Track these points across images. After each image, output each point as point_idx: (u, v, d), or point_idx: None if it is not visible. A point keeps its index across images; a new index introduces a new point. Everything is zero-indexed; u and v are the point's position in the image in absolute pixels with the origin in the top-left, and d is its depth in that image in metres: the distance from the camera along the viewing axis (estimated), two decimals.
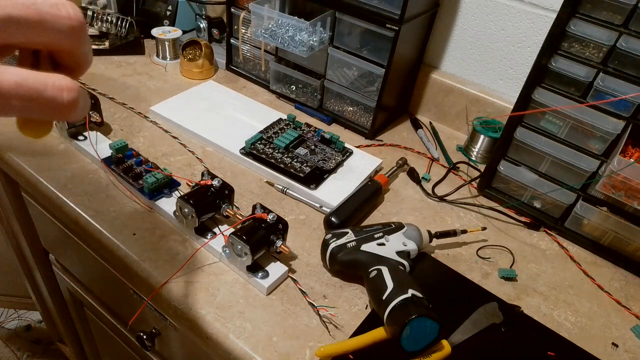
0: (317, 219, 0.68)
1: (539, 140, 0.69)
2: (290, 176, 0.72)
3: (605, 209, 0.66)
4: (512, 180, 0.74)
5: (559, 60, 0.64)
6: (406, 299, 0.51)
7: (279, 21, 0.84)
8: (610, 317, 0.61)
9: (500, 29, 0.83)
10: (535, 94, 0.67)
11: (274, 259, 0.59)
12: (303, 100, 0.92)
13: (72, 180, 0.68)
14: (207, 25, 1.03)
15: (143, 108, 0.85)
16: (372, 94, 0.83)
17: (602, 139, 0.64)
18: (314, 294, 0.58)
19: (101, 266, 0.73)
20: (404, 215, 0.72)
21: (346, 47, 0.83)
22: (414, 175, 0.79)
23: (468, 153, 0.87)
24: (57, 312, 1.20)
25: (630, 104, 0.61)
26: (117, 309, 0.86)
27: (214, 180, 0.60)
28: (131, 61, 1.00)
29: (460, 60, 0.90)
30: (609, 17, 0.60)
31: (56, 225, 0.79)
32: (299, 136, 0.80)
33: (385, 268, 0.55)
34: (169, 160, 0.75)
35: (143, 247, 0.60)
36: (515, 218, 0.74)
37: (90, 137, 0.73)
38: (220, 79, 0.98)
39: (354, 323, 0.55)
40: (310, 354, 0.51)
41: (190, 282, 0.57)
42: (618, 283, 0.66)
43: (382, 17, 0.75)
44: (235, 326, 0.53)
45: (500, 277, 0.64)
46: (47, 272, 1.08)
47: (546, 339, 0.57)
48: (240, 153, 0.76)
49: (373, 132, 0.87)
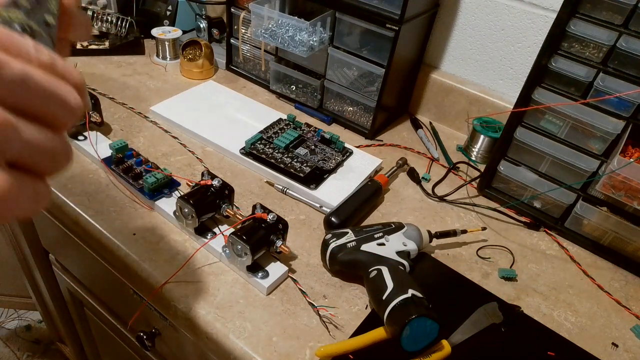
0: (317, 219, 0.68)
1: (539, 140, 0.69)
2: (290, 176, 0.72)
3: (606, 209, 0.66)
4: (512, 180, 0.74)
5: (559, 60, 0.64)
6: (406, 299, 0.51)
7: (279, 21, 0.84)
8: (610, 317, 0.61)
9: (500, 28, 0.83)
10: (535, 94, 0.67)
11: (274, 259, 0.59)
12: (303, 100, 0.92)
13: (72, 180, 0.68)
14: (207, 25, 1.03)
15: (143, 108, 0.85)
16: (372, 94, 0.83)
17: (602, 139, 0.64)
18: (314, 294, 0.58)
19: (101, 266, 0.73)
20: (404, 215, 0.72)
21: (346, 47, 0.83)
22: (414, 175, 0.79)
23: (468, 153, 0.87)
24: (57, 312, 1.20)
25: (630, 103, 0.61)
26: (117, 309, 0.86)
27: (214, 180, 0.60)
28: (131, 61, 1.00)
29: (460, 60, 0.90)
30: (609, 17, 0.60)
31: (56, 225, 0.79)
32: (299, 136, 0.80)
33: (385, 268, 0.55)
34: (169, 160, 0.75)
35: (143, 247, 0.60)
36: (515, 218, 0.74)
37: (91, 137, 0.73)
38: (220, 79, 0.98)
39: (354, 323, 0.55)
40: (310, 354, 0.51)
41: (190, 282, 0.57)
42: (618, 283, 0.66)
43: (382, 17, 0.75)
44: (235, 326, 0.53)
45: (500, 277, 0.64)
46: (47, 272, 1.08)
47: (546, 339, 0.57)
48: (240, 153, 0.76)
49: (373, 132, 0.87)
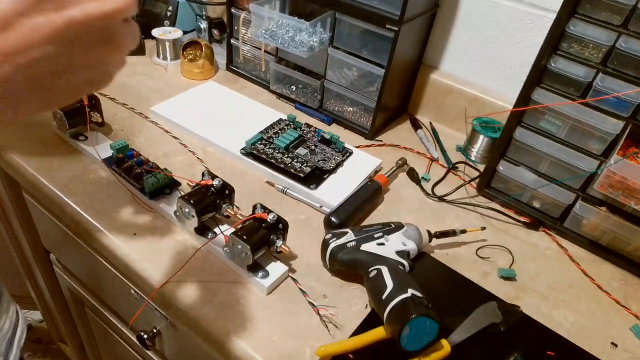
0: (317, 219, 0.68)
1: (539, 141, 0.69)
2: (290, 176, 0.73)
3: (605, 208, 0.66)
4: (511, 180, 0.74)
5: (559, 60, 0.64)
6: (406, 299, 0.51)
7: (279, 22, 0.84)
8: (609, 316, 0.61)
9: (500, 29, 0.83)
10: (535, 94, 0.67)
11: (274, 259, 0.59)
12: (303, 101, 0.92)
13: (73, 180, 0.68)
14: (208, 26, 1.03)
15: (144, 108, 0.85)
16: (372, 94, 0.84)
17: (602, 139, 0.64)
18: (314, 293, 0.58)
19: (102, 266, 0.73)
20: (404, 215, 0.72)
21: (346, 47, 0.83)
22: (413, 175, 0.79)
23: (467, 153, 0.87)
24: (58, 312, 1.20)
25: (629, 104, 0.61)
26: (118, 309, 0.86)
27: (215, 180, 0.60)
28: (131, 61, 1.00)
29: (460, 60, 0.90)
30: (608, 17, 0.60)
31: (57, 225, 0.79)
32: (299, 136, 0.80)
33: (385, 268, 0.55)
34: (169, 160, 0.75)
35: (144, 246, 0.61)
36: (515, 218, 0.74)
37: (91, 138, 0.73)
38: (221, 80, 0.98)
39: (354, 322, 0.55)
40: (310, 354, 0.51)
41: (190, 282, 0.57)
42: (617, 283, 0.66)
43: (382, 17, 0.75)
44: (235, 326, 0.53)
45: (499, 276, 0.64)
46: (48, 272, 1.08)
47: (545, 339, 0.57)
48: (241, 153, 0.76)
49: (373, 132, 0.87)
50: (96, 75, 0.30)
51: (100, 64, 0.30)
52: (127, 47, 0.30)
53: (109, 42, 0.29)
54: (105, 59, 0.30)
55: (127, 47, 0.30)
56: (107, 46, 0.29)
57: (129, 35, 0.30)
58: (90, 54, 0.28)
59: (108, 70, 0.31)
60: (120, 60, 0.31)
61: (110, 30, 0.28)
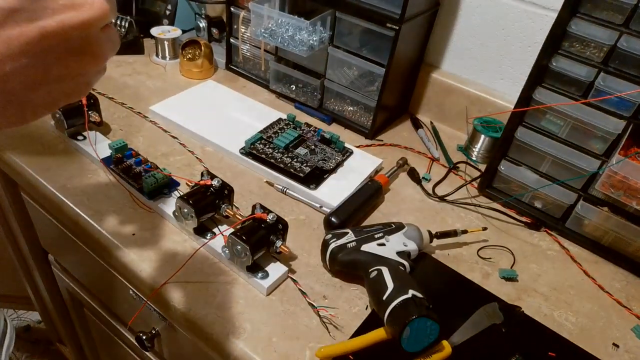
0: (317, 219, 0.68)
1: (540, 140, 0.69)
2: (290, 176, 0.72)
3: (606, 209, 0.66)
4: (512, 180, 0.74)
5: (560, 60, 0.64)
6: (406, 300, 0.51)
7: (278, 20, 0.84)
8: (611, 317, 0.61)
9: (501, 28, 0.83)
10: (536, 93, 0.66)
11: (274, 259, 0.59)
12: (303, 100, 0.92)
13: (72, 180, 0.68)
14: (207, 25, 1.03)
15: (142, 108, 0.85)
16: (372, 93, 0.83)
17: (603, 138, 0.64)
18: (314, 294, 0.58)
19: (100, 266, 0.73)
20: (405, 215, 0.72)
21: (346, 46, 0.83)
22: (414, 175, 0.79)
23: (469, 153, 0.87)
24: (57, 313, 1.20)
25: (631, 103, 0.61)
26: (117, 310, 0.85)
27: (214, 180, 0.60)
28: (130, 61, 1.00)
29: (461, 59, 0.90)
30: (609, 16, 0.59)
31: (55, 226, 0.79)
32: (299, 136, 0.79)
33: (386, 268, 0.55)
34: (168, 160, 0.75)
35: (142, 247, 0.60)
36: (516, 218, 0.74)
37: (90, 137, 0.73)
38: (220, 79, 0.98)
39: (354, 324, 0.55)
40: (310, 355, 0.51)
41: (189, 283, 0.57)
42: (619, 283, 0.66)
43: (383, 16, 0.75)
44: (234, 327, 0.53)
45: (500, 277, 0.64)
46: (46, 273, 1.08)
47: (547, 340, 0.57)
48: (240, 153, 0.76)
49: (373, 132, 0.86)
50: (74, 86, 0.29)
51: (78, 75, 0.28)
52: (106, 55, 0.29)
53: (87, 52, 0.27)
54: (84, 69, 0.28)
55: (106, 56, 0.29)
56: (85, 56, 0.28)
57: (108, 42, 0.29)
58: (68, 65, 0.27)
59: (86, 80, 0.29)
60: (99, 69, 0.30)
61: (88, 40, 0.27)
